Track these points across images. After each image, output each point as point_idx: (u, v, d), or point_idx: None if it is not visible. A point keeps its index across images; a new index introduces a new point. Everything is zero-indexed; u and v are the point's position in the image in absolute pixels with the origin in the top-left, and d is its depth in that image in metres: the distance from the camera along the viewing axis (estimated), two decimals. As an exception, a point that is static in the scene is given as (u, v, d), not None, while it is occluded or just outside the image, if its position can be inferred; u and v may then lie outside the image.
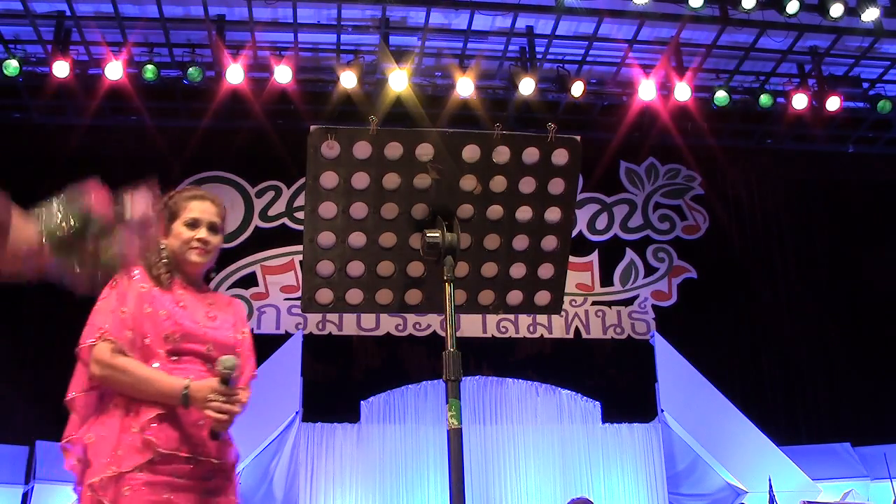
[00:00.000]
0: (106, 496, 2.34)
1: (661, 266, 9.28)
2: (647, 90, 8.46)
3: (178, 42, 8.29)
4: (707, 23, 8.21)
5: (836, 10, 7.79)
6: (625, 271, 9.22)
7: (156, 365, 2.49)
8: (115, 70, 7.94)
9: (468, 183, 2.05)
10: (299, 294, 6.38)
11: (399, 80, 8.07)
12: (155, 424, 2.42)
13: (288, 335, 8.25)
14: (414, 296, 2.13)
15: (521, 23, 8.35)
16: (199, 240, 2.66)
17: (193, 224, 2.67)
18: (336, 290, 2.09)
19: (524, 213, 2.10)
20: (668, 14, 8.03)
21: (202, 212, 2.70)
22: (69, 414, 2.53)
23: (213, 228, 2.69)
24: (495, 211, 2.09)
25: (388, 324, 8.62)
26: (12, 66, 7.92)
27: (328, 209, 2.03)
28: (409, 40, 8.47)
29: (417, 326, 8.64)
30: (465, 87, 8.23)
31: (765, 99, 8.75)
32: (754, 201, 9.68)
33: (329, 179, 2.00)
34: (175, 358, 2.52)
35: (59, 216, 1.78)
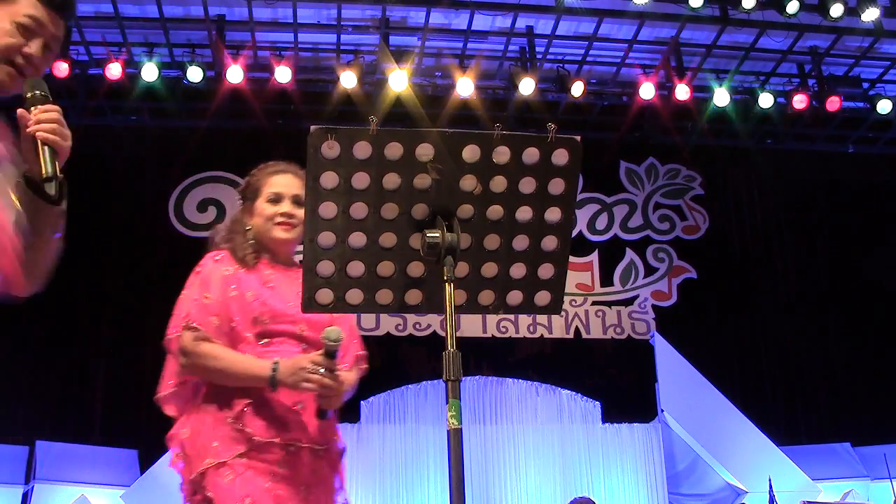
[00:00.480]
0: (206, 486, 2.25)
1: (661, 266, 9.28)
2: (647, 90, 8.46)
3: (178, 42, 8.28)
4: (707, 23, 8.20)
5: (836, 10, 7.78)
6: (625, 271, 9.22)
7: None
8: (115, 70, 7.95)
9: (468, 183, 2.04)
10: (299, 294, 6.36)
11: (399, 80, 8.06)
12: (248, 414, 2.31)
13: (288, 335, 8.24)
14: (414, 296, 2.12)
15: (521, 23, 8.35)
16: (283, 214, 2.54)
17: (276, 199, 2.57)
18: (336, 291, 2.08)
19: (524, 213, 2.09)
20: (668, 14, 8.02)
21: (284, 185, 2.60)
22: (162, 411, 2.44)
23: (297, 202, 2.55)
24: (495, 211, 2.08)
25: (388, 324, 8.62)
26: (12, 66, 7.91)
27: (328, 209, 2.02)
28: (409, 40, 8.46)
29: (417, 326, 8.64)
30: (465, 87, 8.22)
31: (765, 99, 8.76)
32: (754, 201, 9.68)
33: (329, 179, 1.99)
34: (265, 340, 2.40)
35: None
